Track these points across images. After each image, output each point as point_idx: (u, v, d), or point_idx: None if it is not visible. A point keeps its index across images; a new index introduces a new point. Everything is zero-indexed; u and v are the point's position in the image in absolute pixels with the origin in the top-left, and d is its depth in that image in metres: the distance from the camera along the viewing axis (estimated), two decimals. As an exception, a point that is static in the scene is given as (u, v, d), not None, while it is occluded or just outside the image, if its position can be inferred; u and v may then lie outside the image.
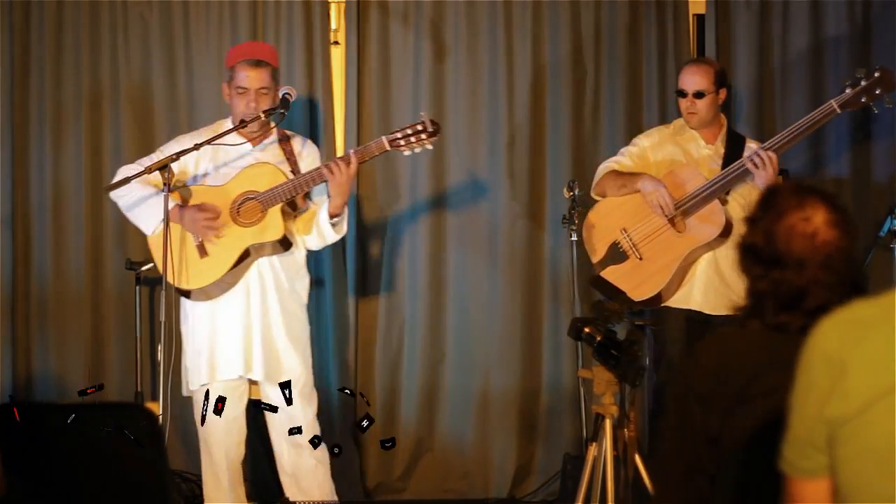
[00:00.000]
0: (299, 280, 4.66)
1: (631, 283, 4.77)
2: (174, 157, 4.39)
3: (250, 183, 4.49)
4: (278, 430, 4.58)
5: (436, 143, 4.54)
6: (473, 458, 5.60)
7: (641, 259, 4.77)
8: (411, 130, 4.45)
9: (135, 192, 4.52)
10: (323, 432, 4.64)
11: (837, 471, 1.84)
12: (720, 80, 4.83)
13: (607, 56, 5.59)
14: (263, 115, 4.48)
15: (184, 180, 4.58)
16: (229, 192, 4.50)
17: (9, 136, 5.51)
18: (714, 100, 4.82)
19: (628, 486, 3.84)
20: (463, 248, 5.60)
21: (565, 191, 5.00)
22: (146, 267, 5.12)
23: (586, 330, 3.80)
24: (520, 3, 5.58)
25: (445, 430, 5.59)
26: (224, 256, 4.47)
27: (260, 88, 4.52)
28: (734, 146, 4.79)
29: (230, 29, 5.55)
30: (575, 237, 5.01)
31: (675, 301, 4.77)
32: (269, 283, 4.55)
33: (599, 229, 4.87)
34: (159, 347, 4.39)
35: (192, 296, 4.53)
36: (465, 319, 5.59)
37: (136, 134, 5.54)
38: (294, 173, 4.52)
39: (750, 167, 4.60)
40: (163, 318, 4.34)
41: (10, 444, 2.84)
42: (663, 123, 5.44)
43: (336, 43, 5.61)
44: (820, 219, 2.19)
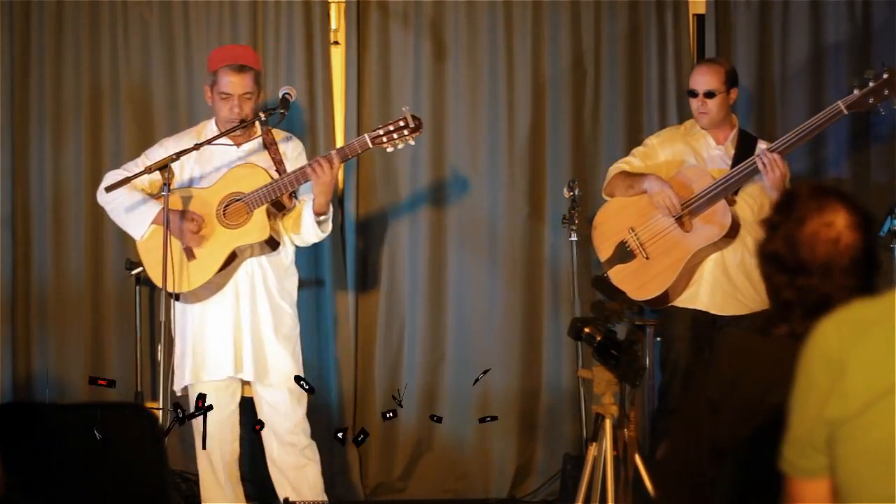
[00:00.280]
0: (288, 279, 4.66)
1: (637, 281, 4.77)
2: (174, 156, 4.38)
3: (235, 184, 4.48)
4: (270, 430, 4.58)
5: (417, 139, 4.51)
6: (473, 458, 5.60)
7: (648, 258, 4.77)
8: (393, 127, 4.43)
9: (122, 198, 4.52)
10: (323, 432, 4.64)
11: (837, 471, 1.84)
12: (731, 80, 4.83)
13: (607, 56, 5.59)
14: (263, 115, 4.47)
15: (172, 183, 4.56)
16: (215, 194, 4.50)
17: (9, 136, 5.51)
18: (725, 99, 4.82)
19: (628, 486, 3.84)
20: (463, 248, 5.59)
21: (565, 191, 5.00)
22: (139, 269, 5.11)
23: (586, 330, 3.79)
24: (520, 4, 5.58)
25: (445, 429, 5.59)
26: (211, 259, 4.48)
27: (244, 94, 4.51)
28: (745, 147, 4.79)
29: (230, 29, 5.55)
30: (575, 237, 5.00)
31: (682, 301, 4.78)
32: (259, 283, 4.55)
33: (607, 228, 4.89)
34: (159, 347, 4.39)
35: (182, 298, 4.53)
36: (465, 319, 5.59)
37: (136, 134, 5.54)
38: (279, 173, 4.50)
39: (759, 167, 4.62)
40: (163, 318, 4.34)
41: (10, 444, 2.83)
42: (663, 122, 5.45)
43: (336, 43, 5.60)
44: (842, 222, 2.19)
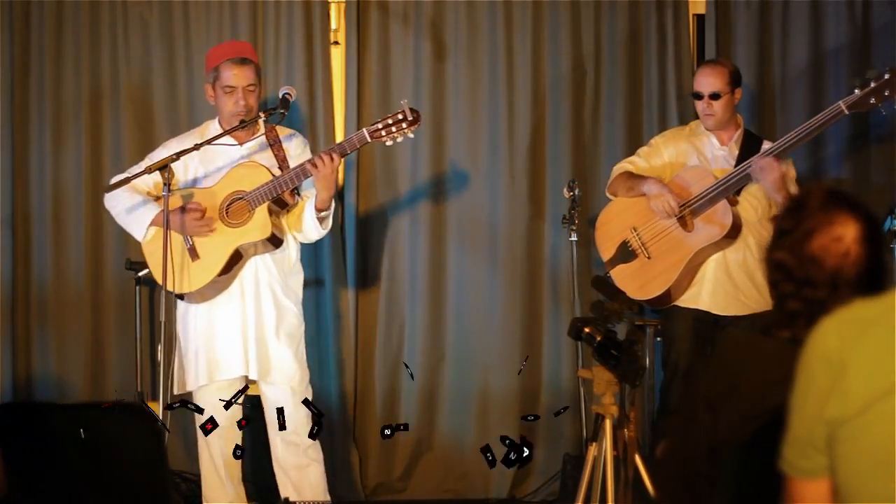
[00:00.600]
0: (293, 277, 4.65)
1: (639, 281, 4.78)
2: (174, 156, 4.38)
3: (237, 183, 4.48)
4: (274, 428, 4.58)
5: (418, 139, 4.51)
6: (473, 458, 5.59)
7: (650, 258, 4.78)
8: (392, 120, 4.42)
9: (124, 200, 4.53)
10: (322, 432, 4.63)
11: (837, 471, 1.84)
12: (735, 80, 4.83)
13: (607, 56, 5.59)
14: (263, 115, 4.47)
15: (175, 184, 4.56)
16: (217, 193, 4.50)
17: (9, 136, 5.51)
18: (730, 100, 4.82)
19: (628, 486, 3.83)
20: (463, 248, 5.59)
21: (565, 191, 5.00)
22: (146, 270, 5.11)
23: (586, 330, 3.79)
24: (520, 4, 5.58)
25: (445, 429, 5.59)
26: (214, 258, 4.47)
27: (247, 86, 4.52)
28: (749, 147, 4.78)
29: (230, 29, 5.55)
30: (575, 237, 5.01)
31: (684, 301, 4.78)
32: (263, 282, 4.55)
33: (610, 228, 4.90)
34: (159, 347, 4.39)
35: (187, 298, 4.53)
36: (465, 319, 5.59)
37: (136, 134, 5.54)
38: (282, 170, 4.50)
39: (750, 173, 4.63)
40: (163, 318, 4.33)
41: (10, 444, 2.83)
42: (663, 122, 5.46)
43: (336, 43, 5.60)
44: (851, 236, 2.12)
